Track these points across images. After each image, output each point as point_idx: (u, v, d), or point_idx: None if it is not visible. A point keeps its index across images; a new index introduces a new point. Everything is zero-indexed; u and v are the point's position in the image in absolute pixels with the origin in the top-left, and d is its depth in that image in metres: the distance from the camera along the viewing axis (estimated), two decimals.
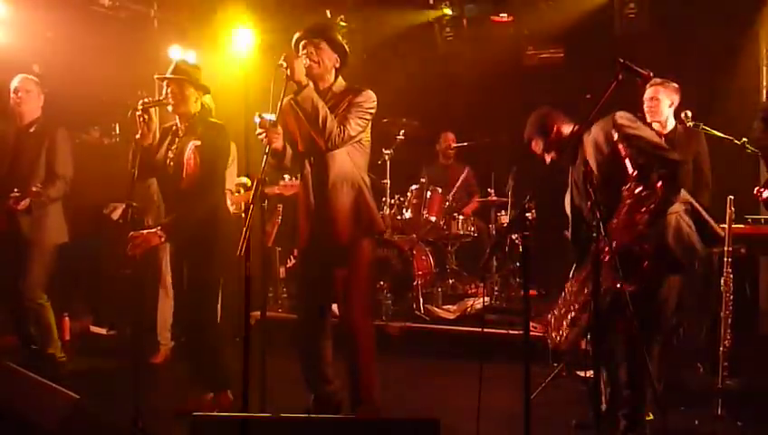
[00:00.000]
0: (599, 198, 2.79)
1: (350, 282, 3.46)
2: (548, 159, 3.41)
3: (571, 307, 3.33)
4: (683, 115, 4.43)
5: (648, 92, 4.36)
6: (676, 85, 4.34)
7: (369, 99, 3.44)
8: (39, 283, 4.59)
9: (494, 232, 6.57)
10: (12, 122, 4.69)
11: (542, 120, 3.44)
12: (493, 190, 6.55)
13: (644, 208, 2.96)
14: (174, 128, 3.87)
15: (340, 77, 3.54)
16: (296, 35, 3.49)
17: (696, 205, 3.31)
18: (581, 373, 4.36)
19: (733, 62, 5.68)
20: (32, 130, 4.63)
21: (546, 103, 3.53)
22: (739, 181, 4.54)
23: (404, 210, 6.32)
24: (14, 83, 4.63)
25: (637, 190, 2.96)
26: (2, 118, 5.02)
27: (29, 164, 4.57)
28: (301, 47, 3.45)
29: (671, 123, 4.34)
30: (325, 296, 3.60)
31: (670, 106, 4.34)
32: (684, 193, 3.27)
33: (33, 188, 4.45)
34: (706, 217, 3.31)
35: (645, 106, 4.36)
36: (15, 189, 4.45)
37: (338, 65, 3.52)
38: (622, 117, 3.21)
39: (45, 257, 4.61)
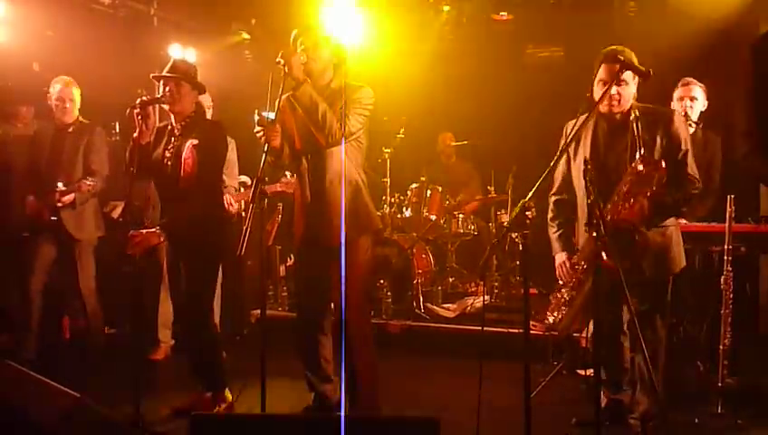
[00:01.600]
0: (598, 198, 2.79)
1: (347, 280, 3.44)
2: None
3: (567, 286, 3.36)
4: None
5: (684, 90, 4.29)
6: (704, 86, 4.31)
7: (367, 95, 3.45)
8: (92, 275, 4.82)
9: (494, 230, 6.57)
10: (50, 123, 4.84)
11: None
12: (493, 189, 6.56)
13: (647, 191, 2.97)
14: (169, 127, 3.84)
15: (337, 75, 3.54)
16: (294, 32, 3.48)
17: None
18: (581, 372, 4.36)
19: (733, 61, 5.67)
20: (71, 130, 4.79)
21: (546, 102, 3.53)
22: (739, 180, 4.54)
23: (404, 209, 6.32)
24: (58, 91, 4.74)
25: (639, 167, 2.98)
26: (1, 120, 5.04)
27: (67, 161, 4.74)
28: (299, 44, 3.45)
29: (692, 127, 4.30)
30: (323, 294, 3.61)
31: (702, 107, 4.30)
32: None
33: (89, 182, 4.64)
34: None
35: (678, 105, 4.29)
36: (60, 183, 4.61)
37: (335, 62, 3.52)
38: (681, 118, 3.28)
39: (91, 250, 4.84)
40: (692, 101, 4.28)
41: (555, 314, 3.37)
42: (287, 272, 6.52)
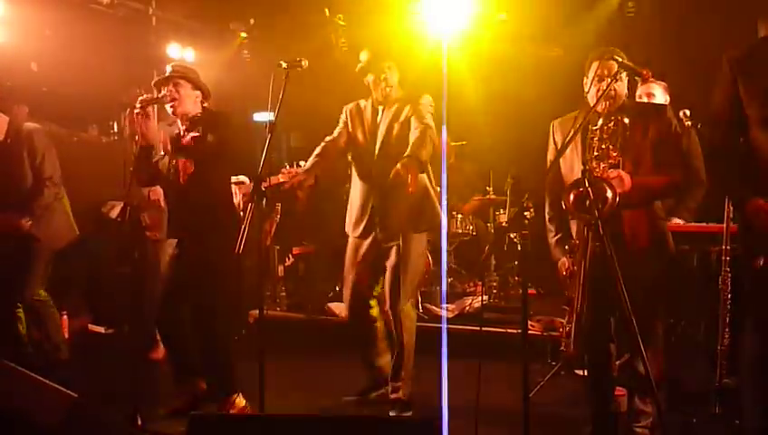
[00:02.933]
0: (597, 199, 2.79)
1: (405, 272, 3.81)
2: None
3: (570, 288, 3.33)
4: (681, 114, 4.44)
5: (644, 89, 4.38)
6: (665, 84, 4.39)
7: (429, 101, 3.91)
8: (39, 281, 4.57)
9: (492, 231, 6.57)
10: None
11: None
12: (491, 189, 6.55)
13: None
14: (177, 132, 3.88)
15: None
16: (370, 55, 3.93)
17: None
18: (579, 372, 4.36)
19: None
20: (9, 142, 4.47)
21: (545, 102, 3.53)
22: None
23: None
24: None
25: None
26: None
27: (14, 173, 4.46)
28: (383, 68, 3.91)
29: None
30: (374, 285, 4.02)
31: (664, 102, 4.37)
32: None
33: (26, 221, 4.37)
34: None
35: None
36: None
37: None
38: (672, 111, 3.35)
39: (47, 255, 4.58)
40: (649, 97, 4.37)
41: (568, 326, 3.34)
42: (285, 272, 6.52)
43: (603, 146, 3.11)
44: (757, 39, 3.01)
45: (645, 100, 4.35)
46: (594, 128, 3.12)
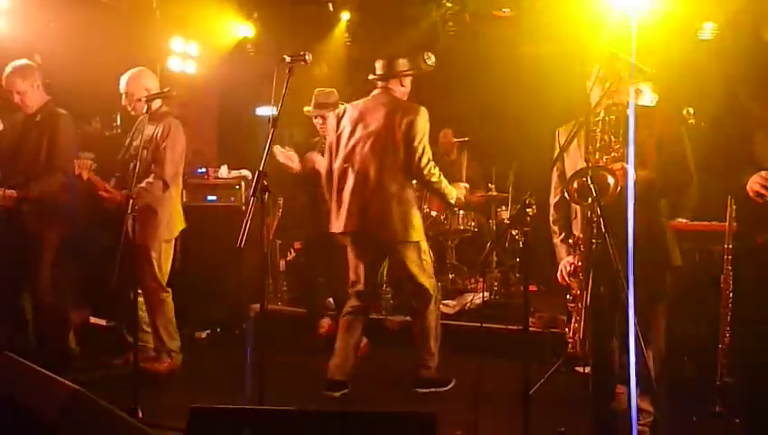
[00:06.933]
0: (599, 196, 2.79)
1: None
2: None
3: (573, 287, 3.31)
4: (684, 113, 4.43)
5: (633, 88, 4.38)
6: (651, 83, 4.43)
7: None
8: (47, 279, 4.52)
9: (494, 227, 6.56)
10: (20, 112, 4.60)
11: None
12: (493, 185, 6.54)
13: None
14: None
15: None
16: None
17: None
18: (579, 370, 4.36)
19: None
20: (37, 119, 4.51)
21: (546, 99, 3.52)
22: None
23: None
24: (7, 84, 4.47)
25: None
26: (3, 112, 5.00)
27: (32, 153, 4.44)
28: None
29: None
30: None
31: (650, 102, 4.37)
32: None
33: (8, 192, 4.32)
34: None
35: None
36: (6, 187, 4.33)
37: None
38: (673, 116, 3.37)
39: (52, 252, 4.53)
40: (638, 95, 4.36)
41: (575, 324, 3.29)
42: (287, 266, 6.52)
43: (606, 137, 3.10)
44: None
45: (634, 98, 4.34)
46: (596, 119, 3.11)
